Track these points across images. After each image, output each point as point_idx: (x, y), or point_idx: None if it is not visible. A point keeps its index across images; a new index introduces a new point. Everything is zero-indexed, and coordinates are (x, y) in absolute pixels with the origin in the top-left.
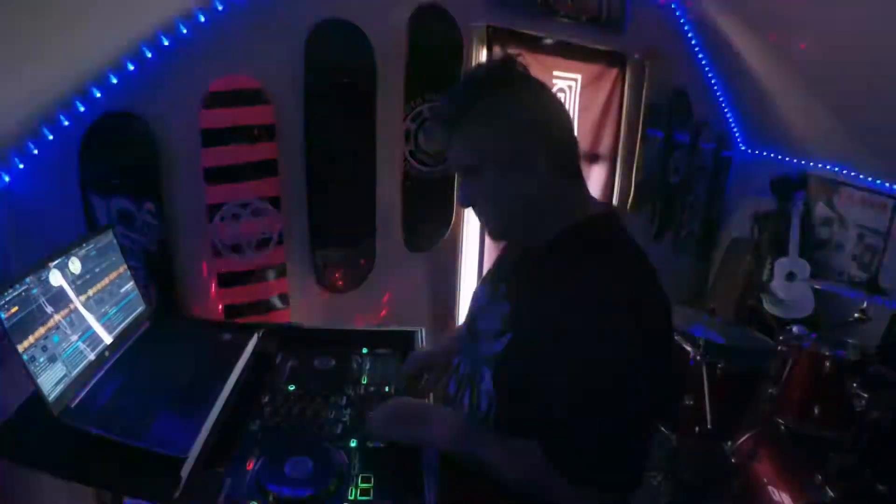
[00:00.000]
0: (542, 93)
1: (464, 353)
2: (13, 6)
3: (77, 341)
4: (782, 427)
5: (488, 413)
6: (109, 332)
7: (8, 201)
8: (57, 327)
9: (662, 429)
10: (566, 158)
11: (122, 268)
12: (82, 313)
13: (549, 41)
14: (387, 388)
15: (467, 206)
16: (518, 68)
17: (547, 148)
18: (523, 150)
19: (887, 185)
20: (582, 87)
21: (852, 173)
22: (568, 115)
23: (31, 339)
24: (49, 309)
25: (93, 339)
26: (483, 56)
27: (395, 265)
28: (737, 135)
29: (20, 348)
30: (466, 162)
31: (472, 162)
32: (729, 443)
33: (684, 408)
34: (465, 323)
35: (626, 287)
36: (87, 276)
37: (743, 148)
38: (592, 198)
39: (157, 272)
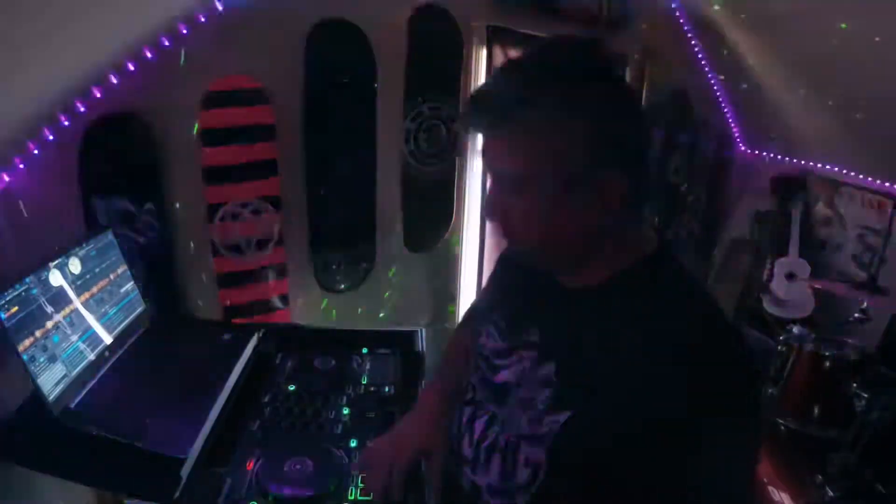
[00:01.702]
0: (633, 98)
1: (478, 407)
2: (13, 6)
3: (77, 341)
4: (782, 427)
5: (529, 486)
6: (109, 332)
7: (8, 201)
8: (57, 327)
9: None
10: (640, 186)
11: (122, 268)
12: (82, 313)
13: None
14: (386, 389)
15: (495, 220)
16: (607, 59)
17: (626, 170)
18: (599, 169)
19: (887, 185)
20: None
21: (852, 173)
22: (652, 134)
23: (31, 339)
24: (49, 309)
25: (93, 339)
26: (483, 56)
27: (395, 265)
28: (737, 135)
29: (20, 348)
30: (515, 169)
31: (523, 170)
32: None
33: None
34: (478, 371)
35: (722, 331)
36: (87, 276)
37: (743, 148)
38: (645, 230)
39: (157, 272)
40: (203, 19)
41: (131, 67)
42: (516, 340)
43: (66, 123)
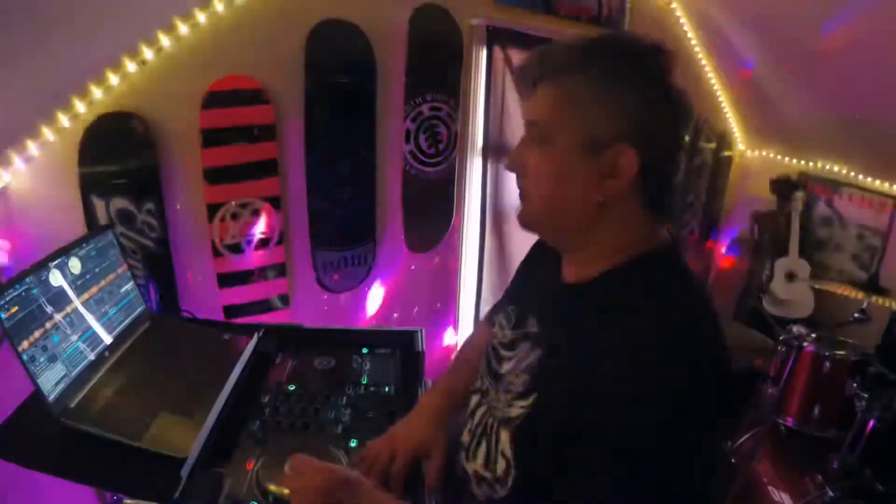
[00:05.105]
0: (676, 107)
1: (483, 395)
2: (13, 6)
3: (77, 341)
4: (782, 427)
5: (505, 479)
6: (109, 332)
7: (8, 201)
8: (57, 327)
9: None
10: (655, 191)
11: (122, 268)
12: (82, 313)
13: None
14: (386, 389)
15: (513, 171)
16: (667, 61)
17: (643, 163)
18: (616, 148)
19: (887, 185)
20: None
21: (852, 173)
22: (680, 144)
23: (31, 339)
24: (49, 309)
25: (93, 339)
26: (483, 56)
27: (395, 265)
28: (737, 135)
29: (20, 348)
30: (541, 118)
31: (547, 121)
32: (729, 443)
33: None
34: (487, 359)
35: (687, 352)
36: (87, 276)
37: (743, 148)
38: (655, 228)
39: (157, 272)
40: (203, 19)
41: (131, 67)
42: (521, 331)
43: (66, 123)
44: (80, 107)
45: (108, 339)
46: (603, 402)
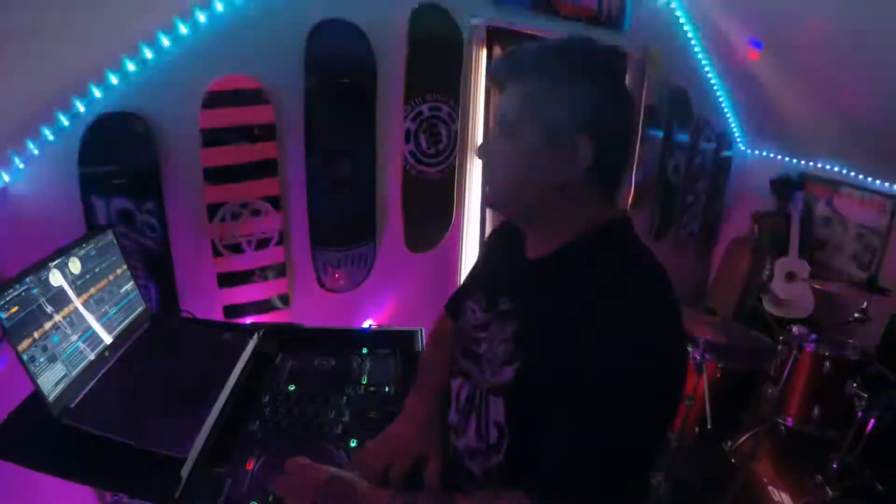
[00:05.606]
0: (625, 96)
1: (466, 377)
2: (13, 6)
3: (77, 341)
4: (782, 427)
5: (499, 446)
6: (109, 332)
7: (8, 201)
8: (57, 327)
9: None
10: (609, 174)
11: (122, 268)
12: (82, 313)
13: None
14: (386, 389)
15: (482, 158)
16: (616, 60)
17: (597, 153)
18: (572, 139)
19: (887, 185)
20: None
21: (852, 173)
22: (635, 139)
23: (31, 339)
24: (49, 309)
25: (93, 339)
26: (483, 56)
27: (395, 265)
28: (737, 135)
29: (20, 348)
30: (514, 113)
31: (514, 116)
32: (729, 443)
33: (684, 408)
34: (460, 343)
35: (650, 304)
36: (87, 276)
37: (743, 148)
38: (609, 206)
39: (157, 272)
40: (203, 19)
41: (131, 67)
42: (493, 312)
43: (66, 123)
44: (80, 107)
45: (108, 339)
46: (579, 357)
